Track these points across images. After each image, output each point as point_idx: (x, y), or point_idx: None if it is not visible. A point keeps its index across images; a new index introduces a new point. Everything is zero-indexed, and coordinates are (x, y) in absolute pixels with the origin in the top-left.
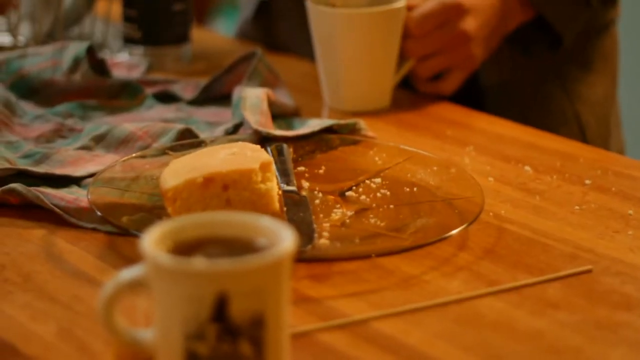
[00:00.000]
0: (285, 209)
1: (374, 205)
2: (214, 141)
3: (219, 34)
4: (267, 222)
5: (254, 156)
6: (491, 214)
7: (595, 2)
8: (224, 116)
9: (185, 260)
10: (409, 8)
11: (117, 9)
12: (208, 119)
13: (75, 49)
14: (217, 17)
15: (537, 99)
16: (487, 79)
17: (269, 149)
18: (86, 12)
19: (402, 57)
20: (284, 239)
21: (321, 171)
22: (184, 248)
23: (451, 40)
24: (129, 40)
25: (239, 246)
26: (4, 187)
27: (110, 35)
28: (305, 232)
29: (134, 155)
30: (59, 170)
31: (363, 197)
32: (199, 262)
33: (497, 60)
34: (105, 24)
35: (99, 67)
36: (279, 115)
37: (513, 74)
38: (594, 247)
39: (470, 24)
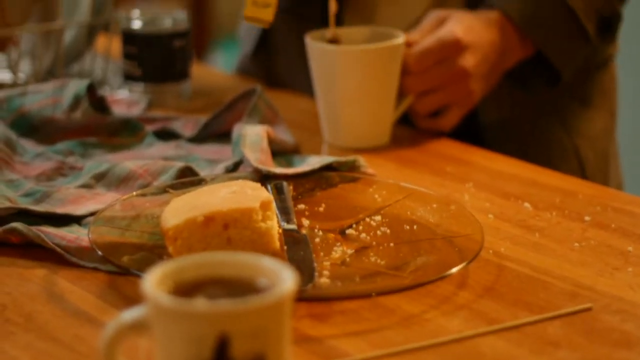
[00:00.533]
0: (285, 247)
1: (374, 243)
2: (214, 179)
3: (218, 70)
4: (267, 263)
5: (254, 195)
6: (491, 251)
7: (594, 38)
8: (224, 153)
9: (186, 301)
10: (408, 44)
11: (117, 46)
12: (208, 157)
13: (75, 86)
14: (216, 50)
15: (536, 134)
16: (487, 115)
17: (269, 187)
18: (86, 48)
19: (401, 94)
20: (285, 279)
21: (321, 209)
22: (185, 289)
23: (450, 77)
24: (129, 77)
25: (239, 287)
26: (5, 226)
27: (110, 72)
28: (306, 271)
29: (134, 193)
30: (59, 209)
31: (363, 235)
32: (200, 303)
33: (497, 97)
34: (105, 61)
35: (99, 105)
36: (279, 152)
37: (512, 110)
38: (594, 284)
39: (469, 60)
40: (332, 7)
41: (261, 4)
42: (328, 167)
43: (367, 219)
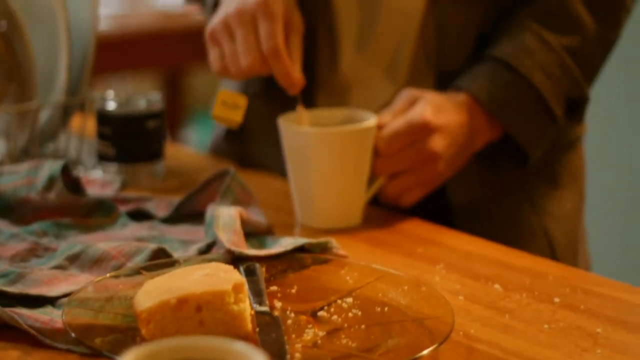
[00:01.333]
0: (257, 329)
1: (345, 325)
2: (187, 261)
3: (192, 150)
4: (239, 347)
5: (227, 277)
6: (461, 333)
7: (561, 120)
8: (197, 234)
9: None
10: (379, 126)
11: (91, 125)
12: (181, 237)
13: (50, 168)
14: (190, 125)
15: (505, 214)
16: (456, 195)
17: (241, 269)
18: (61, 128)
19: (373, 175)
20: None
21: (293, 291)
22: None
23: (420, 160)
24: (103, 158)
25: None
26: None
27: (84, 152)
28: (278, 354)
29: (108, 275)
30: (33, 290)
31: (335, 317)
32: None
33: (466, 177)
34: (80, 141)
35: (74, 186)
36: (252, 233)
37: (481, 190)
38: None
39: (438, 143)
40: (304, 118)
41: (231, 105)
42: (300, 249)
43: (339, 301)
